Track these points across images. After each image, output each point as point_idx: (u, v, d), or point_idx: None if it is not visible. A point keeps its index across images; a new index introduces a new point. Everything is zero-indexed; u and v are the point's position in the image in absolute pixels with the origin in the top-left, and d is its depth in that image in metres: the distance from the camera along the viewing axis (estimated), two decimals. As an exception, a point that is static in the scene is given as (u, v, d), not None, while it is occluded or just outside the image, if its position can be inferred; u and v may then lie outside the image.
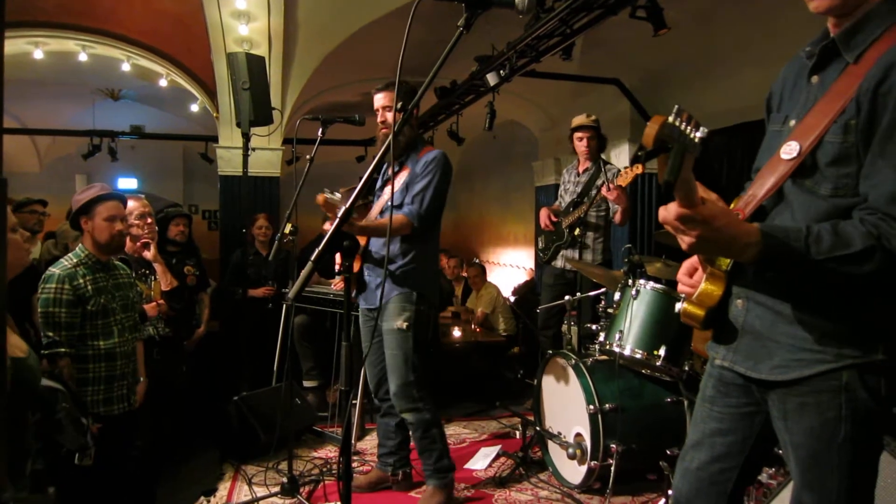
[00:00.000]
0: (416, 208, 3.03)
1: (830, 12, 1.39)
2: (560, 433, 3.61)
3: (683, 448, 1.70)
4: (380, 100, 3.18)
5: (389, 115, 3.12)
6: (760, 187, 1.45)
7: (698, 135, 1.15)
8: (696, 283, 1.53)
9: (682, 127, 1.14)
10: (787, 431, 1.43)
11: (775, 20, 4.23)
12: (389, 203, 2.86)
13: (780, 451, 1.53)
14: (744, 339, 1.49)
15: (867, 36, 1.34)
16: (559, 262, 4.59)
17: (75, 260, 2.77)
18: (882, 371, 1.34)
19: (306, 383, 5.21)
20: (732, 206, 1.50)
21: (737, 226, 1.28)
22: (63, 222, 4.52)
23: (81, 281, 2.71)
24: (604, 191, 4.11)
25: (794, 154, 1.39)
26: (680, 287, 1.60)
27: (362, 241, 3.16)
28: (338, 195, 2.92)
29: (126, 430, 2.85)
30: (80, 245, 2.84)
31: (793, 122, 1.46)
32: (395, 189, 3.11)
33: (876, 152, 1.29)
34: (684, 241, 1.28)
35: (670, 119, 1.15)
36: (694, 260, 1.58)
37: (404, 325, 3.08)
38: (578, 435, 3.44)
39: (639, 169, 4.02)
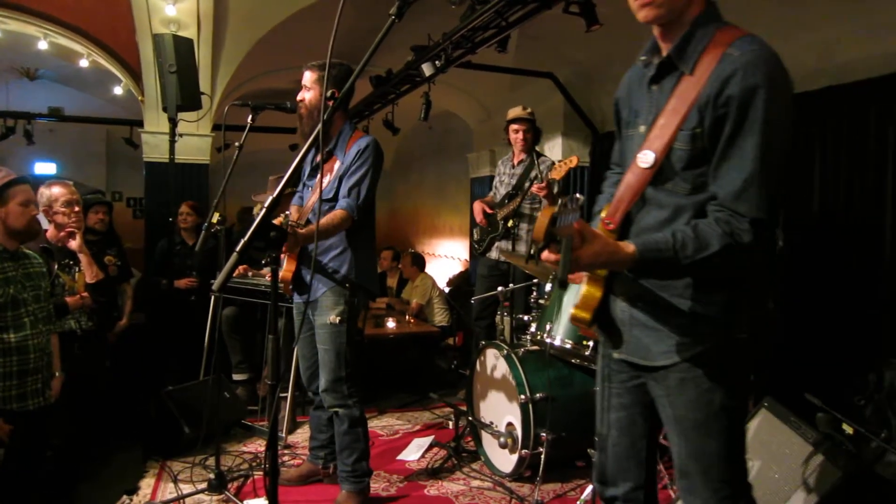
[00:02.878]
0: (354, 202, 2.95)
1: (657, 21, 1.56)
2: (492, 423, 3.65)
3: (597, 434, 1.85)
4: (304, 77, 3.10)
5: (307, 95, 3.06)
6: (626, 192, 1.63)
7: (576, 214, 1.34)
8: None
9: (569, 217, 1.33)
10: (670, 406, 1.63)
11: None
12: (319, 199, 2.66)
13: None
14: (633, 333, 1.68)
15: (696, 47, 1.53)
16: (493, 254, 4.63)
17: None
18: (742, 346, 1.59)
19: (236, 377, 5.07)
20: (603, 212, 1.67)
21: (613, 255, 1.48)
22: None
23: None
24: (535, 188, 4.16)
25: (651, 163, 1.57)
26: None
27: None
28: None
29: (42, 427, 2.71)
30: None
31: (643, 129, 1.63)
32: (329, 179, 3.05)
33: (720, 157, 1.49)
34: None
35: (556, 211, 1.35)
36: None
37: (337, 320, 3.00)
38: (510, 424, 3.48)
39: (573, 162, 4.06)
